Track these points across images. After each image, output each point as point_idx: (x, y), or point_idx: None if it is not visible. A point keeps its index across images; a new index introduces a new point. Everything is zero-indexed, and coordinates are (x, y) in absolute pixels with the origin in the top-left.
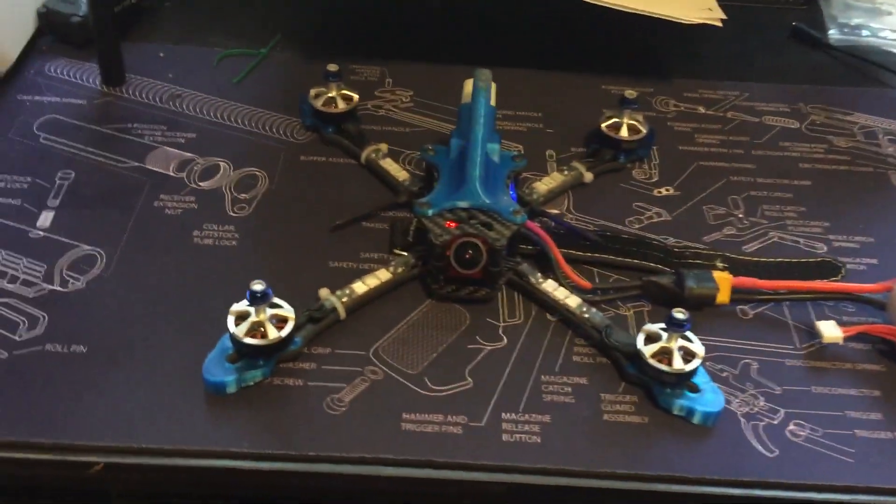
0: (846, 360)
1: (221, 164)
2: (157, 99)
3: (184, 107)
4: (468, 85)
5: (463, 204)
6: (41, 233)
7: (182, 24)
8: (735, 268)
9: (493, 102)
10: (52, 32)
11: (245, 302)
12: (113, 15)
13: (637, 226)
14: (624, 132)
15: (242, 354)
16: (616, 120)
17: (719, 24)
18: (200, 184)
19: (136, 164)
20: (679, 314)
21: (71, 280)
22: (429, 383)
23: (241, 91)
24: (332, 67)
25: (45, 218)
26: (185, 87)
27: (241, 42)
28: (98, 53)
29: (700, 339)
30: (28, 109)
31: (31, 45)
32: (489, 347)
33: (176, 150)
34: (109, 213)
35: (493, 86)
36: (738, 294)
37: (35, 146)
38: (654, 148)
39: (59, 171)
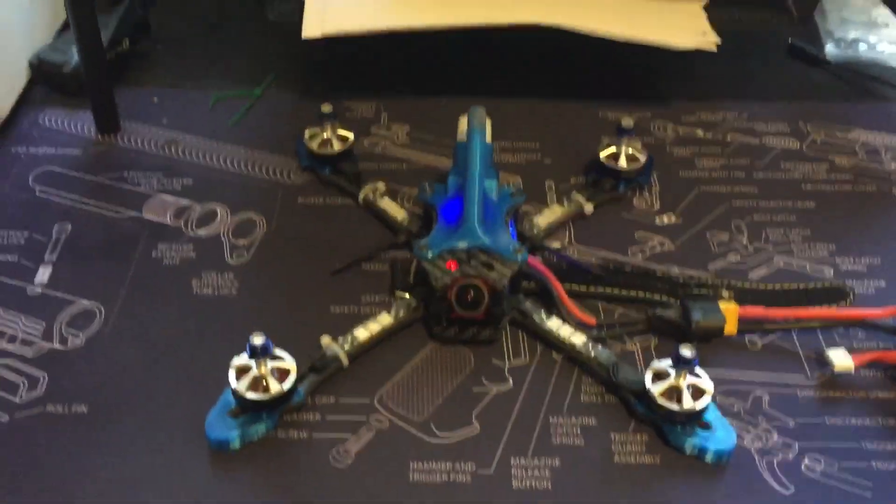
0: (859, 389)
1: (219, 209)
2: (153, 145)
3: (179, 152)
4: (463, 123)
5: (462, 244)
6: (39, 289)
7: (175, 67)
8: (742, 296)
9: (488, 138)
10: (44, 82)
11: (246, 355)
12: (105, 61)
13: (640, 256)
14: (622, 161)
15: (245, 409)
16: (614, 149)
17: (714, 49)
18: (198, 231)
19: (134, 213)
20: (686, 351)
21: (70, 337)
22: (435, 430)
23: (236, 133)
24: (326, 108)
25: (43, 273)
26: (181, 132)
27: (236, 83)
28: (91, 103)
29: (709, 373)
30: (23, 162)
31: (25, 96)
32: (495, 390)
33: (172, 198)
34: (108, 266)
35: (488, 121)
36: (746, 324)
37: (31, 199)
38: (654, 175)
39: (56, 224)
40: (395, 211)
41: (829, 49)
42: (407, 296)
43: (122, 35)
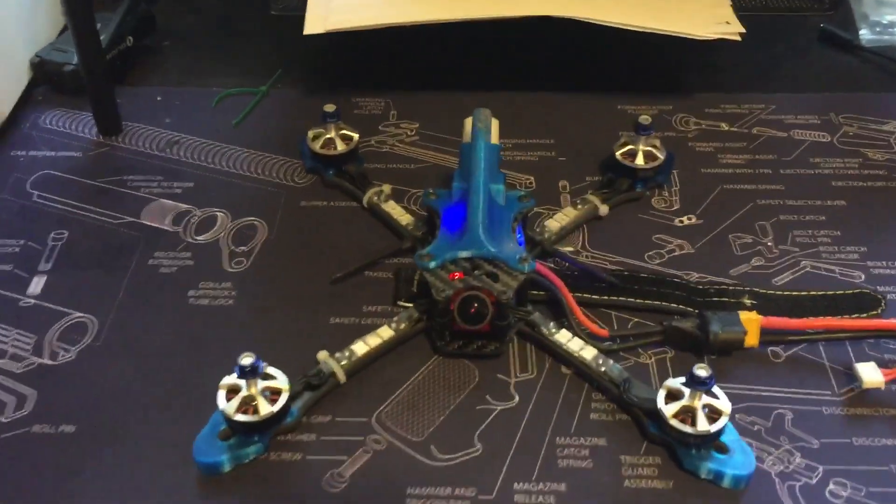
0: (890, 406)
1: (219, 214)
2: (154, 147)
3: (181, 154)
4: (468, 124)
5: (466, 254)
6: (32, 300)
7: (181, 65)
8: (765, 304)
9: (495, 139)
10: (46, 82)
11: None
12: (105, 63)
13: (657, 261)
14: (640, 160)
15: (235, 431)
16: (631, 147)
17: (738, 38)
18: (197, 238)
19: (131, 219)
20: (701, 371)
21: (61, 352)
22: (435, 451)
23: (240, 133)
24: (329, 108)
25: (37, 284)
26: (183, 133)
27: (243, 80)
28: (92, 104)
29: (728, 388)
30: (22, 166)
31: (26, 97)
32: (500, 407)
33: (172, 203)
34: (102, 275)
35: (496, 122)
36: (769, 335)
37: (28, 205)
38: (675, 172)
39: (52, 232)
40: (401, 215)
41: (864, 33)
42: (410, 306)
43: (126, 32)
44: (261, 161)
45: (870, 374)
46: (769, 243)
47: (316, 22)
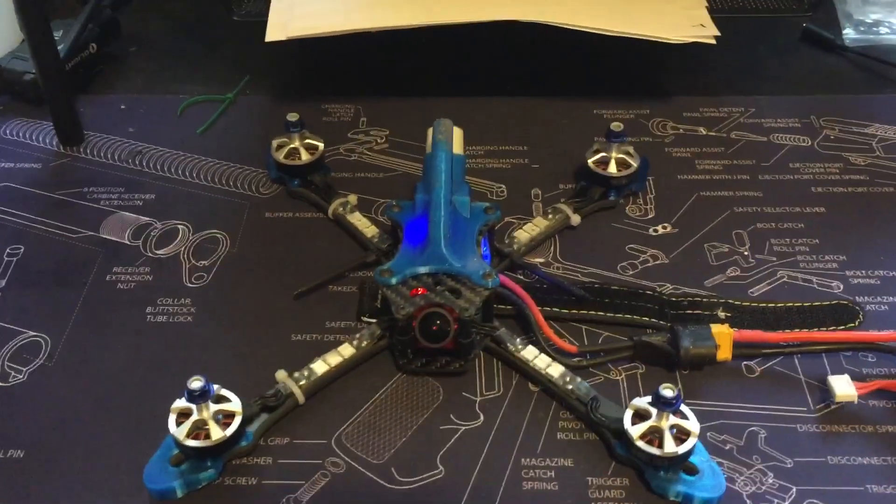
0: (866, 422)
1: (180, 227)
2: (116, 157)
3: (144, 164)
4: (430, 135)
5: (426, 269)
6: None
7: (147, 71)
8: (739, 317)
9: (459, 150)
10: (7, 92)
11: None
12: (64, 73)
13: (631, 272)
14: (612, 167)
15: (188, 456)
16: (604, 154)
17: (713, 42)
18: (157, 252)
19: (90, 233)
20: (667, 391)
21: (12, 373)
22: (396, 475)
23: (205, 142)
24: (292, 117)
25: None
26: (146, 143)
27: (209, 87)
28: (52, 114)
29: (700, 406)
30: None
31: None
32: (464, 427)
33: (132, 215)
34: (58, 292)
35: (460, 132)
36: (743, 348)
37: None
38: (651, 179)
39: (8, 248)
40: (366, 227)
41: (848, 33)
42: (373, 322)
43: (89, 40)
44: (225, 171)
45: (843, 387)
46: (745, 252)
47: (277, 29)
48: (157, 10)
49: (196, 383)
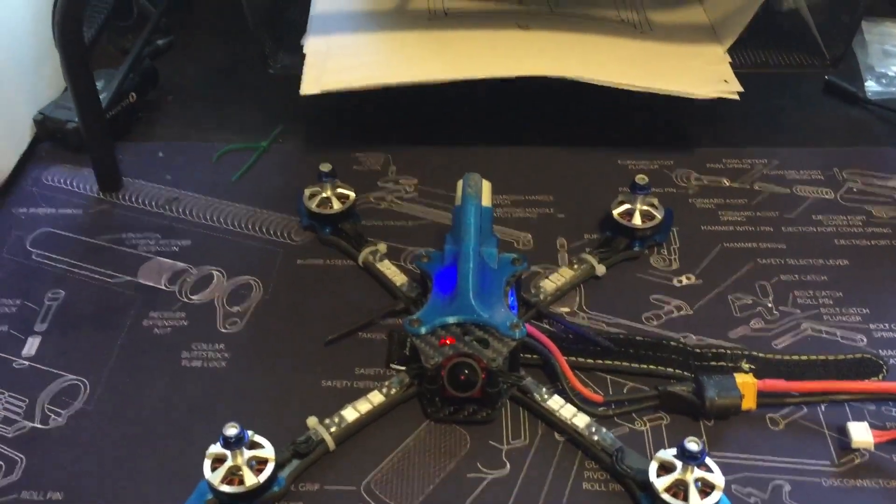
0: (891, 477)
1: (215, 273)
2: (153, 204)
3: (180, 211)
4: (459, 187)
5: (456, 319)
6: (26, 362)
7: (183, 119)
8: (763, 369)
9: (487, 202)
10: (49, 139)
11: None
12: (104, 122)
13: (655, 322)
14: (637, 219)
15: (221, 501)
16: (629, 206)
17: (736, 98)
18: (192, 297)
19: (128, 278)
20: (692, 445)
21: (52, 416)
22: None
23: (239, 189)
24: (325, 167)
25: (31, 345)
26: (183, 189)
27: (244, 135)
28: (92, 162)
29: (724, 457)
30: (23, 224)
31: (29, 153)
32: (491, 476)
33: (169, 261)
34: (97, 336)
35: (488, 185)
36: (767, 397)
37: (27, 264)
38: (675, 229)
39: (49, 291)
40: (395, 275)
41: (870, 85)
42: (402, 369)
43: (129, 89)
44: (259, 218)
45: (860, 433)
46: (769, 304)
47: (312, 83)
48: (194, 60)
49: (232, 430)
